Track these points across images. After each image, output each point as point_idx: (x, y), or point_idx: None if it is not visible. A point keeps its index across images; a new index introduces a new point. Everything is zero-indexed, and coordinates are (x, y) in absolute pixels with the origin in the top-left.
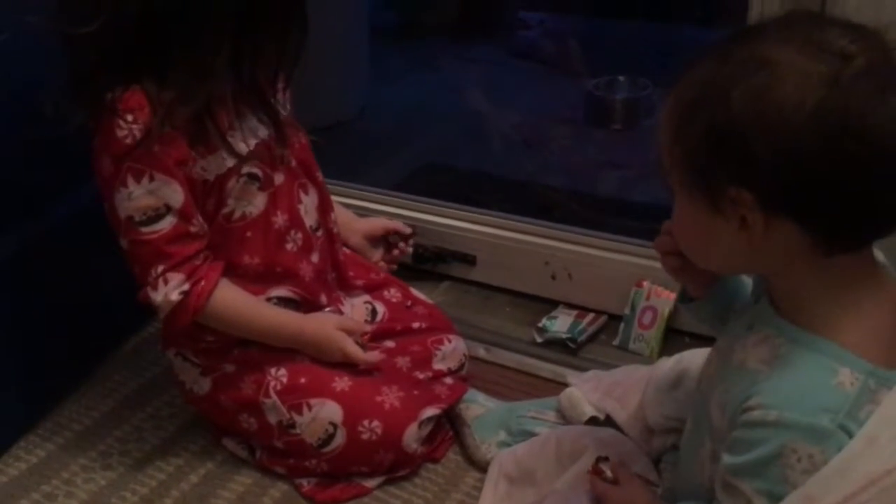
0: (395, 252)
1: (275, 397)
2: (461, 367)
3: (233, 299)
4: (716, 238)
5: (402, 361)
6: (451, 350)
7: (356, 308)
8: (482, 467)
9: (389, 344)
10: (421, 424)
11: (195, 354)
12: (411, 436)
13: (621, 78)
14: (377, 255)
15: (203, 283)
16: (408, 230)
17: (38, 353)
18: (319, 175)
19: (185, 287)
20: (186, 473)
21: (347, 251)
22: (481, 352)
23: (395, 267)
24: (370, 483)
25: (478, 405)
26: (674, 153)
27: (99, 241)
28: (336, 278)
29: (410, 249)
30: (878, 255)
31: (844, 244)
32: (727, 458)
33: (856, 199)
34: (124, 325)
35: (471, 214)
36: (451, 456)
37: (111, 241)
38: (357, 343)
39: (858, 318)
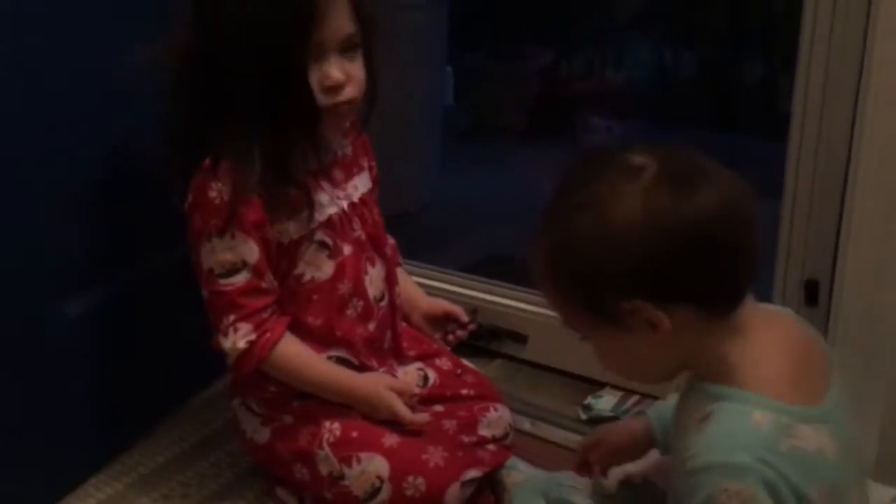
0: (450, 337)
1: (327, 449)
2: (506, 435)
3: (294, 353)
4: (640, 352)
5: (449, 424)
6: (496, 418)
7: (409, 373)
8: None
9: (438, 408)
10: (463, 485)
11: (258, 404)
12: (453, 495)
13: None
14: (435, 334)
15: (268, 334)
16: (465, 318)
17: (118, 398)
18: (388, 250)
19: (252, 337)
20: None
21: (405, 325)
22: (527, 425)
23: (448, 348)
24: None
25: (519, 472)
26: (562, 303)
27: (180, 298)
28: (392, 347)
29: (466, 335)
30: (777, 307)
31: (727, 304)
32: None
33: (716, 267)
34: (196, 379)
35: (524, 295)
36: None
37: (191, 299)
38: (406, 404)
39: (760, 362)
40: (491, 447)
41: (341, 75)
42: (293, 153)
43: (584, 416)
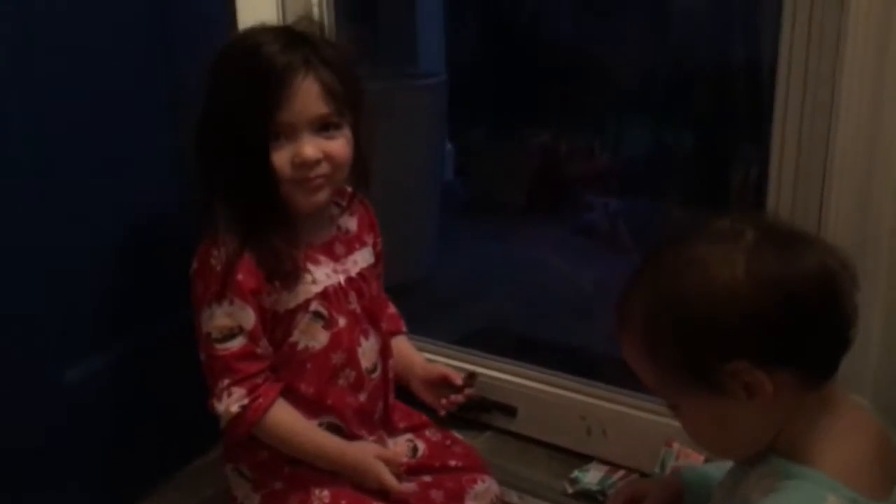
0: (444, 402)
1: None
2: None
3: (286, 419)
4: (734, 419)
5: (436, 494)
6: (483, 490)
7: (399, 444)
8: None
9: (426, 478)
10: None
11: (249, 469)
12: None
13: None
14: (433, 398)
15: (261, 399)
16: (459, 381)
17: (114, 464)
18: (384, 323)
19: (245, 402)
20: None
21: (394, 401)
22: (514, 498)
23: (444, 413)
24: None
25: None
26: (659, 373)
27: (177, 366)
28: (382, 419)
29: (463, 400)
30: (857, 398)
31: (825, 373)
32: None
33: (819, 330)
34: (192, 447)
35: (514, 368)
36: None
37: (187, 366)
38: (393, 473)
39: (839, 447)
40: None
41: (314, 153)
42: (270, 227)
43: (570, 490)
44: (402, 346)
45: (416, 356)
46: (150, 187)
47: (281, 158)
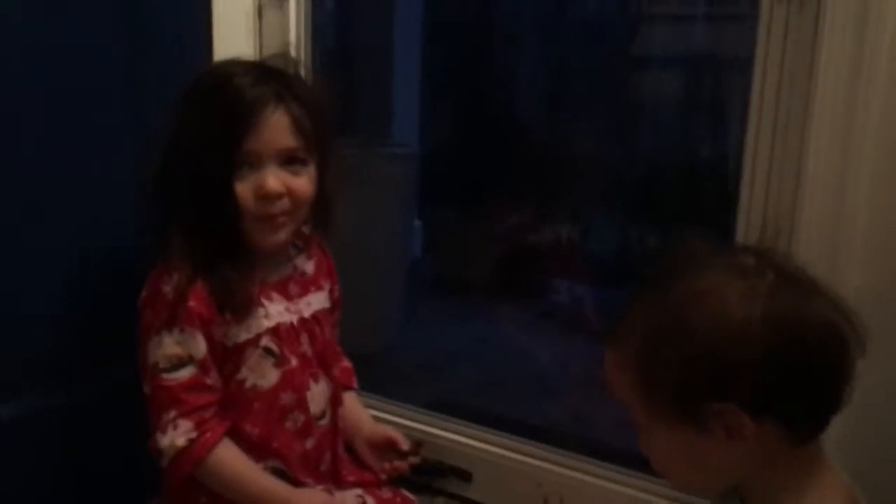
0: (387, 465)
1: None
2: None
3: (232, 459)
4: (707, 456)
5: None
6: None
7: (347, 498)
8: None
9: None
10: None
11: None
12: None
13: None
14: (376, 461)
15: (209, 434)
16: (405, 447)
17: None
18: (336, 372)
19: (192, 435)
20: None
21: (348, 453)
22: None
23: (384, 477)
24: None
25: None
26: (644, 396)
27: (120, 417)
28: (330, 470)
29: (406, 468)
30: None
31: (812, 430)
32: None
33: (818, 384)
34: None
35: (471, 431)
36: None
37: (130, 418)
38: None
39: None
40: None
41: (277, 186)
42: (225, 258)
43: None
44: (351, 402)
45: (364, 414)
46: (106, 224)
47: (244, 189)
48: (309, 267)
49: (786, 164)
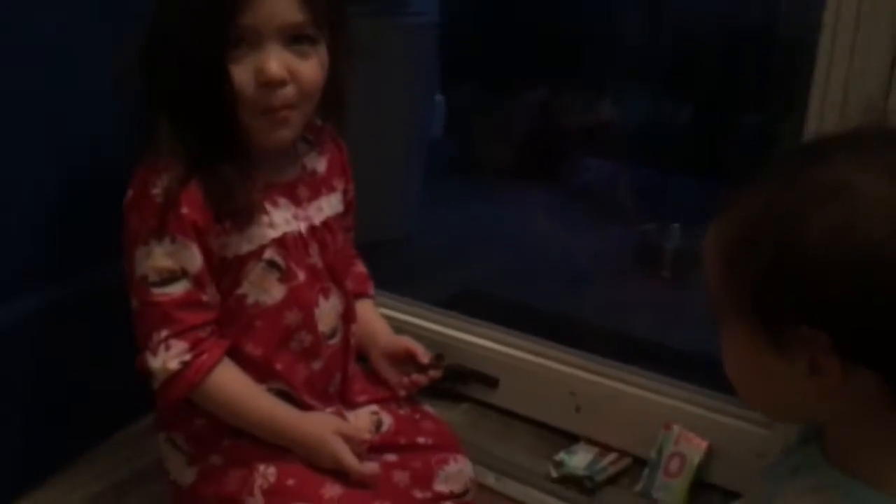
0: (405, 380)
1: (258, 496)
2: (465, 492)
3: (231, 381)
4: (777, 381)
5: (401, 476)
6: (456, 472)
7: (360, 417)
8: None
9: (390, 457)
10: None
11: (185, 440)
12: None
13: (675, 225)
14: (394, 375)
15: (205, 356)
16: (425, 360)
17: (32, 425)
18: (348, 284)
19: (187, 357)
20: None
21: (355, 370)
22: (490, 480)
23: (404, 393)
24: None
25: None
26: (728, 285)
27: (109, 321)
28: (339, 392)
29: (425, 382)
30: None
31: None
32: None
33: None
34: (123, 411)
35: (497, 334)
36: None
37: (121, 323)
38: (354, 452)
39: None
40: None
41: (280, 70)
42: (223, 155)
43: (554, 474)
44: (367, 311)
45: (380, 324)
46: (88, 115)
47: (241, 72)
48: (320, 165)
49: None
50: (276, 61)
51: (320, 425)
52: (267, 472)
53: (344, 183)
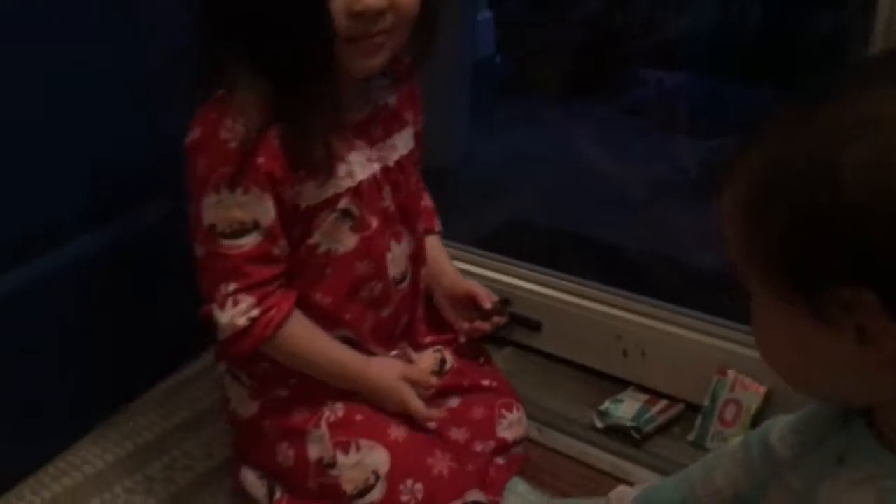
0: (466, 326)
1: (325, 429)
2: (522, 440)
3: (300, 334)
4: (824, 358)
5: (458, 434)
6: (517, 419)
7: (425, 358)
8: None
9: (453, 403)
10: None
11: (249, 377)
12: None
13: None
14: (456, 318)
15: (273, 311)
16: (487, 305)
17: (97, 365)
18: (420, 226)
19: (255, 313)
20: None
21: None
22: (533, 432)
23: (463, 339)
24: None
25: (517, 496)
26: (752, 251)
27: (171, 254)
28: (405, 333)
29: (489, 329)
30: None
31: None
32: None
33: None
34: (165, 364)
35: (539, 276)
36: None
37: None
38: (421, 397)
39: None
40: (500, 461)
41: (379, 1)
42: (309, 98)
43: (599, 424)
44: (433, 248)
45: (447, 265)
46: (136, 55)
47: (337, 3)
48: (393, 98)
49: None
50: None
51: (388, 370)
52: (335, 407)
53: (413, 114)
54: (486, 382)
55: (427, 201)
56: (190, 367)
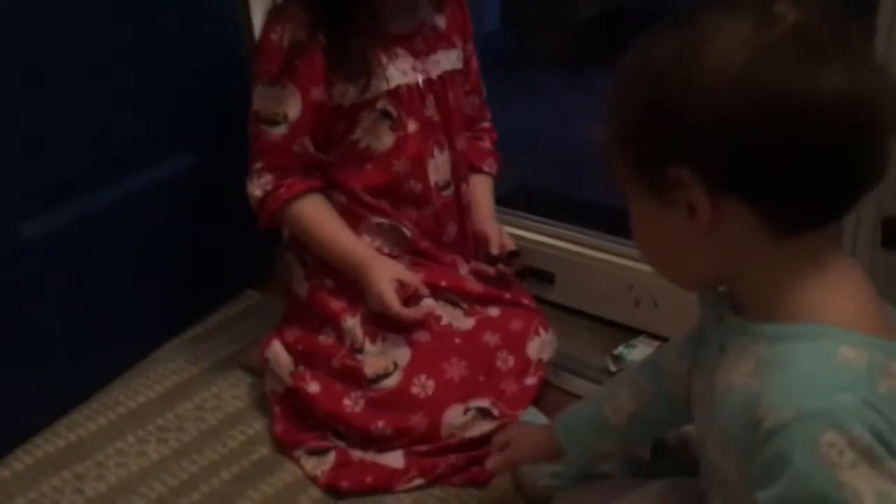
0: (473, 265)
1: (359, 318)
2: (547, 364)
3: (312, 212)
4: (671, 235)
5: (490, 338)
6: (549, 340)
7: (421, 307)
8: (531, 497)
9: (493, 311)
10: (466, 411)
11: (306, 262)
12: (454, 416)
13: None
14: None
15: (282, 190)
16: (495, 251)
17: (126, 309)
18: (460, 142)
19: (268, 188)
20: (219, 469)
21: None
22: (550, 376)
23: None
24: (395, 462)
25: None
26: (614, 145)
27: (196, 206)
28: (457, 243)
29: (492, 274)
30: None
31: (800, 221)
32: (763, 496)
33: (797, 170)
34: (195, 308)
35: (551, 229)
36: (500, 484)
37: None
38: (407, 296)
39: (839, 293)
40: (530, 381)
41: None
42: (348, 11)
43: (613, 368)
44: (476, 185)
45: (483, 204)
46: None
47: None
48: (441, 21)
49: None
50: None
51: (383, 271)
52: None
53: (463, 41)
54: (527, 301)
55: (486, 143)
56: (213, 318)
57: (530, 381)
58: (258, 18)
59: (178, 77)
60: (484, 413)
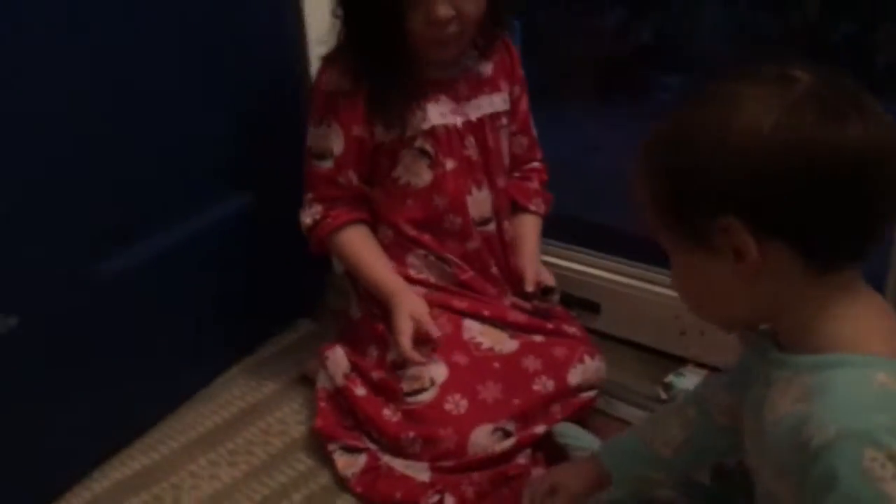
0: (511, 300)
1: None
2: (597, 386)
3: (354, 242)
4: (719, 281)
5: (531, 363)
6: (595, 367)
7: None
8: None
9: (537, 338)
10: (495, 431)
11: (360, 290)
12: (482, 435)
13: None
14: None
15: (330, 219)
16: (530, 288)
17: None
18: (501, 181)
19: (317, 217)
20: (289, 492)
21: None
22: (600, 402)
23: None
24: (421, 475)
25: (562, 437)
26: (651, 203)
27: (258, 240)
28: (505, 277)
29: (529, 307)
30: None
31: (839, 257)
32: None
33: (833, 209)
34: (253, 336)
35: (597, 260)
36: None
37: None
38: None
39: (870, 324)
40: (575, 401)
41: (446, 12)
42: (388, 73)
43: (664, 396)
44: (521, 224)
45: (526, 242)
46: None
47: (414, 19)
48: (487, 68)
49: None
50: (444, 6)
51: (405, 305)
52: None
53: (510, 85)
54: (571, 330)
55: (534, 184)
56: (270, 346)
57: (566, 404)
58: (315, 66)
59: (241, 120)
60: (507, 433)
